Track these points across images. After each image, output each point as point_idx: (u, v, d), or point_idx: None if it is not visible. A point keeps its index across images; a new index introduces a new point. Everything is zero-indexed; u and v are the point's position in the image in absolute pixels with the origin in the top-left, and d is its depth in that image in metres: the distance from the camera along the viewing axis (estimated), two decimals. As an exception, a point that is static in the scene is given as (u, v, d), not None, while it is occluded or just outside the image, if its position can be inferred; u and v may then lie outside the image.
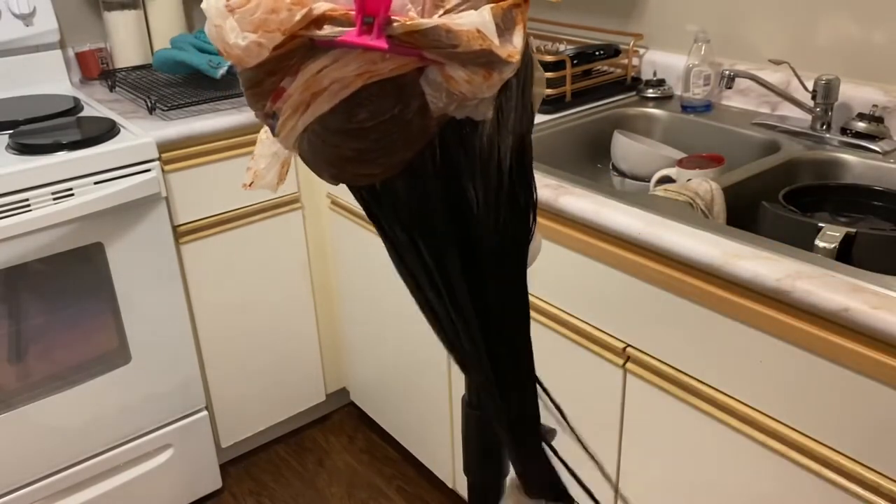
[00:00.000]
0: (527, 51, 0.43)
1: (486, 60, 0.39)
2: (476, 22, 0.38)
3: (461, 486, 1.79)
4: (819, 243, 1.06)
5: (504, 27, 0.40)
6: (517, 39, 0.40)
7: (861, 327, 0.89)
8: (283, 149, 0.47)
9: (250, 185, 0.49)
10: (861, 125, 1.37)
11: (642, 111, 1.68)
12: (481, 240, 0.48)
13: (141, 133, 1.61)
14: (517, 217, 0.49)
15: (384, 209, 0.48)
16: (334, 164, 0.43)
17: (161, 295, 1.69)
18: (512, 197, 0.48)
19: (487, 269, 0.50)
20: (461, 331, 0.53)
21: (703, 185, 1.21)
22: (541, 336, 1.37)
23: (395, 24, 0.37)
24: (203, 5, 0.39)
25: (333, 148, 0.42)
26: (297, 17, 0.37)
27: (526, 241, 0.52)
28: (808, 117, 1.45)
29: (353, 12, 0.37)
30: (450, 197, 0.46)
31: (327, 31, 0.38)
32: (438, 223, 0.47)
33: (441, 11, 0.39)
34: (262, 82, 0.40)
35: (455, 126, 0.44)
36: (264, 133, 0.49)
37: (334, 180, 0.45)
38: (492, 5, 0.39)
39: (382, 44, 0.37)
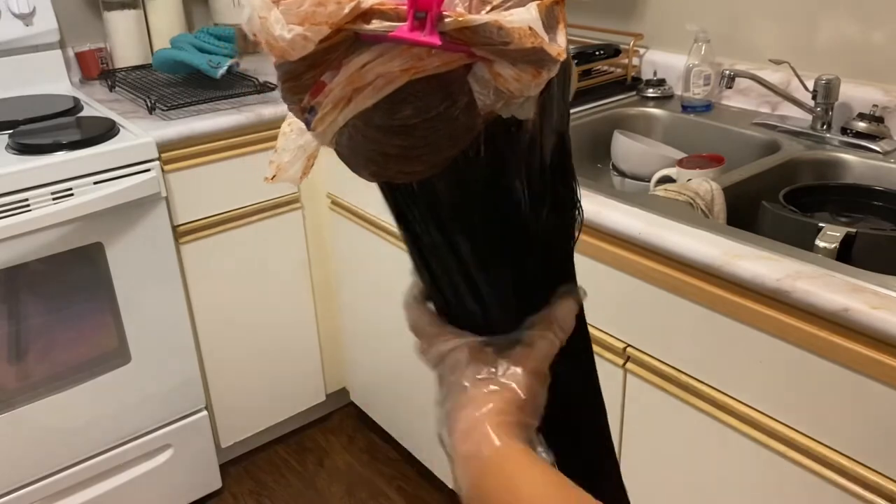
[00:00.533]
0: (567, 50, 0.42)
1: (535, 58, 0.38)
2: (527, 19, 0.37)
3: (461, 486, 1.79)
4: (819, 243, 1.05)
5: (548, 25, 0.39)
6: (561, 38, 0.39)
7: (861, 327, 0.89)
8: (310, 142, 0.45)
9: (273, 179, 0.48)
10: (861, 125, 1.37)
11: (642, 111, 1.68)
12: (530, 240, 0.48)
13: (141, 133, 1.61)
14: (561, 216, 0.49)
15: (420, 208, 0.47)
16: (375, 161, 0.42)
17: (161, 295, 1.69)
18: (555, 196, 0.47)
19: (535, 269, 0.49)
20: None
21: (703, 185, 1.21)
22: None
23: (447, 20, 0.36)
24: None
25: (375, 144, 0.41)
26: (346, 11, 0.36)
27: (571, 240, 0.51)
28: (809, 117, 1.45)
29: (404, 6, 0.36)
30: (495, 195, 0.45)
31: (375, 25, 0.37)
32: (481, 222, 0.46)
33: (488, 8, 0.38)
34: (302, 76, 0.39)
35: (500, 124, 0.42)
36: (287, 126, 0.48)
37: (373, 177, 0.44)
38: (536, 3, 0.38)
39: (435, 40, 0.36)
